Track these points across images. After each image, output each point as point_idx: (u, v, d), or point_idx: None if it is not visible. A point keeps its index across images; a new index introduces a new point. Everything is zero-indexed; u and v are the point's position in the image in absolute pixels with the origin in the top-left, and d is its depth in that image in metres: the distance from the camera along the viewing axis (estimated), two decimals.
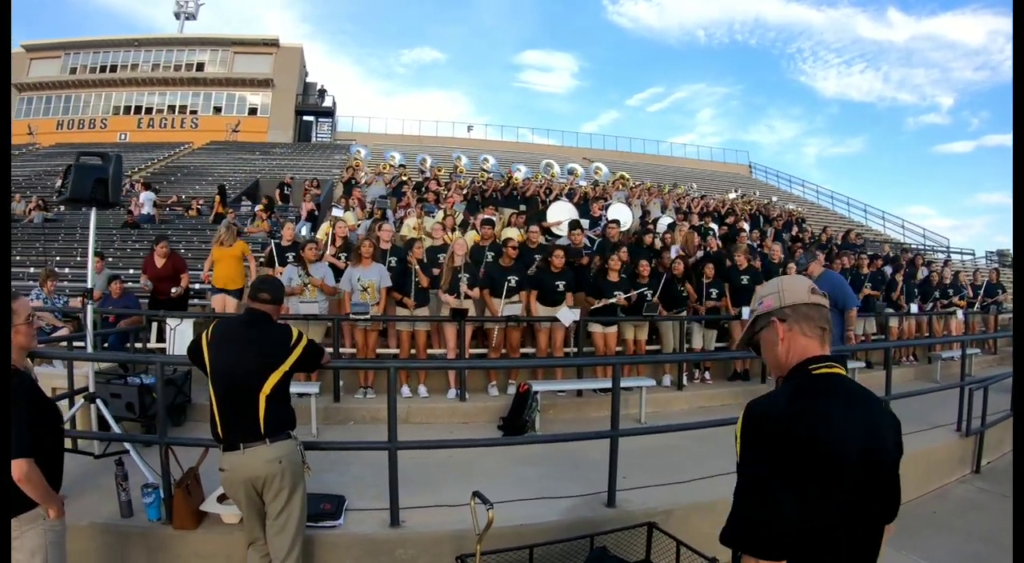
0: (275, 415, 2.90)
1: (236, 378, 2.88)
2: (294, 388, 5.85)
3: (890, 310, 9.80)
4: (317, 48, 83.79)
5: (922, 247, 23.22)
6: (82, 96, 36.25)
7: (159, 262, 8.25)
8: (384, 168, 16.03)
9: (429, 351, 7.17)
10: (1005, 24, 68.48)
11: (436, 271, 7.28)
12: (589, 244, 8.96)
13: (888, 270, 10.87)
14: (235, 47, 36.31)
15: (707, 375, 7.88)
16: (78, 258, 13.09)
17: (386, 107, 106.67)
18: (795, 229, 13.83)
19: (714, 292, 7.88)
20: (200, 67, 36.24)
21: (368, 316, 6.65)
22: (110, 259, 12.27)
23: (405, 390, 6.83)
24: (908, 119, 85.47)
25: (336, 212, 10.70)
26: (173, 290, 8.18)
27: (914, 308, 9.73)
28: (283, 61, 36.18)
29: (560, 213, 10.91)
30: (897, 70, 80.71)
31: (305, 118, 37.89)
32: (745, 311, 7.56)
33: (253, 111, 36.03)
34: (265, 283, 3.14)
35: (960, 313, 10.67)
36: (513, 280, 7.07)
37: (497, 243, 7.93)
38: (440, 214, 9.93)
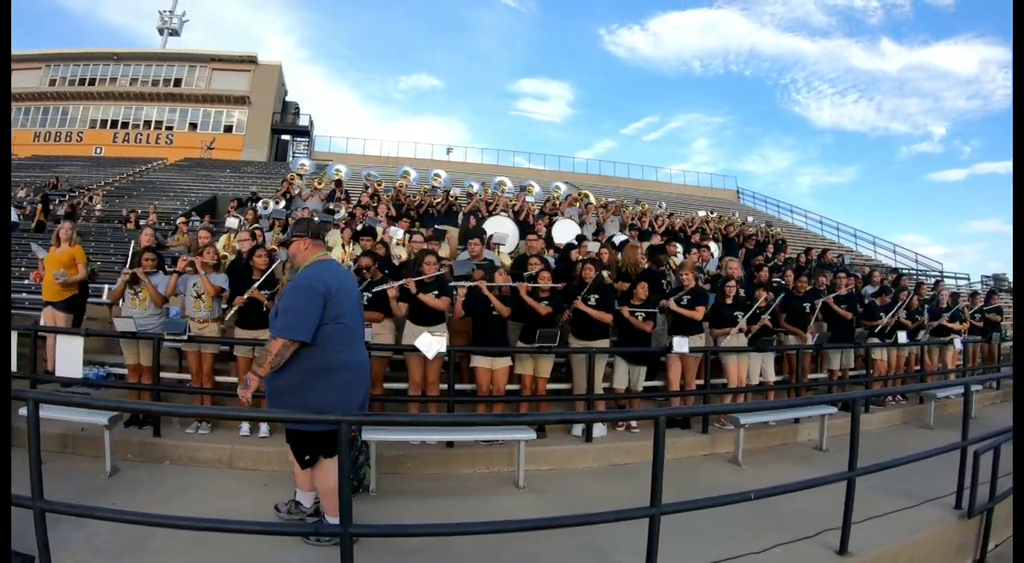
0: None
1: None
2: (75, 415, 4.71)
3: (875, 340, 8.17)
4: (314, 72, 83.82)
5: (914, 272, 21.73)
6: (60, 108, 35.59)
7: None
8: (319, 183, 15.05)
9: None
10: (997, 53, 69.16)
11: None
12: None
13: (869, 290, 9.31)
14: (213, 63, 35.42)
15: (634, 422, 6.21)
16: None
17: (383, 132, 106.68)
18: (770, 249, 12.25)
19: (640, 314, 6.27)
20: (178, 83, 35.46)
21: (185, 337, 5.54)
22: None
23: (244, 427, 5.54)
24: (901, 148, 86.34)
25: (230, 223, 10.35)
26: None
27: (902, 337, 8.06)
28: (261, 78, 35.23)
29: (497, 229, 9.66)
30: (890, 100, 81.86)
31: (283, 137, 36.90)
32: (679, 341, 6.00)
33: (229, 128, 35.06)
34: None
35: (958, 341, 9.00)
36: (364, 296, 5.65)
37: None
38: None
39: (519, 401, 6.00)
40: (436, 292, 5.68)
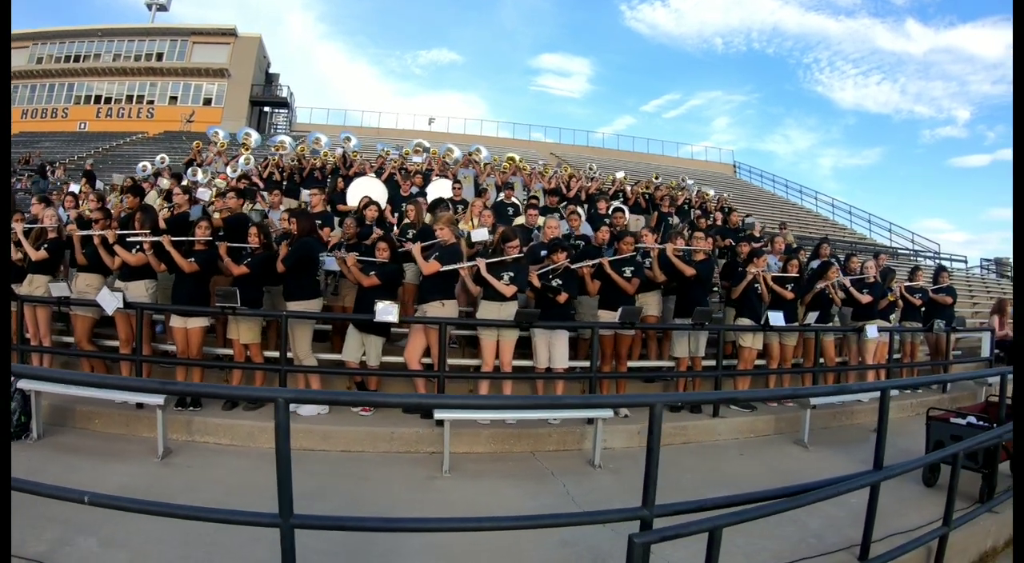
0: None
1: None
2: None
3: (747, 321, 6.52)
4: (336, 47, 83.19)
5: (909, 252, 19.65)
6: (46, 85, 35.69)
7: None
8: (223, 146, 14.16)
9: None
10: None
11: None
12: None
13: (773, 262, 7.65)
14: (194, 37, 34.98)
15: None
16: None
17: (397, 106, 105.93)
18: (695, 213, 10.58)
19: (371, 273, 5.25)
20: (160, 57, 35.13)
21: None
22: None
23: None
24: (924, 131, 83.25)
25: (72, 188, 10.24)
26: None
27: (777, 319, 6.36)
28: (240, 51, 34.61)
29: (360, 192, 8.65)
30: (914, 82, 79.33)
31: (265, 109, 36.15)
32: (382, 308, 4.67)
33: (208, 101, 34.60)
34: None
35: (872, 329, 7.19)
36: None
37: None
38: None
39: (217, 366, 5.79)
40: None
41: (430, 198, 9.06)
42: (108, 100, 35.09)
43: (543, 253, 5.70)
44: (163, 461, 4.38)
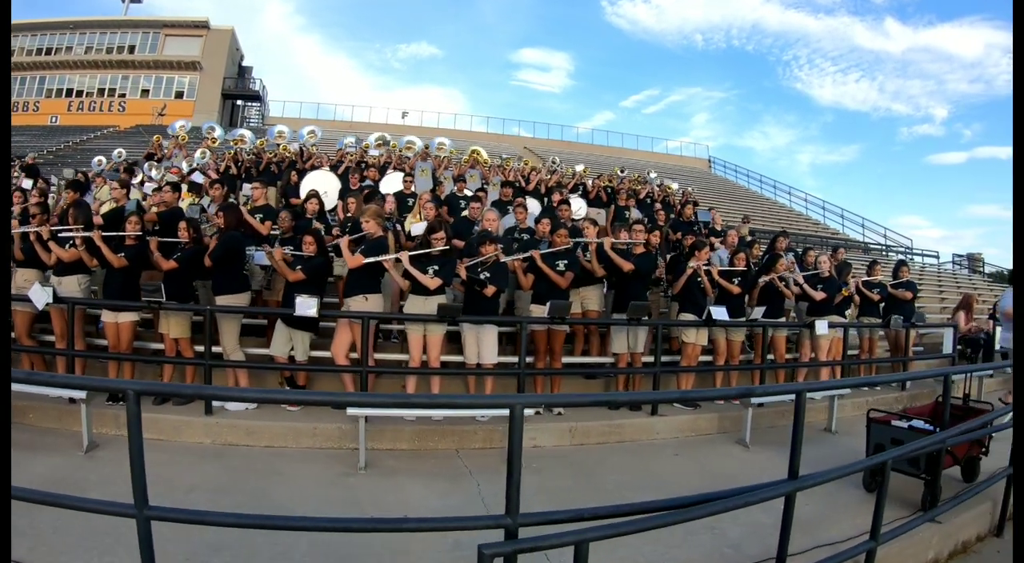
0: None
1: None
2: None
3: (689, 316, 6.39)
4: (313, 40, 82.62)
5: (881, 247, 19.74)
6: (17, 78, 34.97)
7: None
8: (184, 139, 13.92)
9: None
10: (1002, 38, 67.20)
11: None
12: None
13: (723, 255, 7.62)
14: (166, 29, 34.74)
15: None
16: None
17: (382, 101, 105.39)
18: (656, 207, 10.47)
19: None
20: (131, 50, 34.79)
21: None
22: None
23: None
24: (902, 129, 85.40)
25: (25, 184, 9.84)
26: None
27: (720, 313, 6.23)
28: (213, 44, 34.36)
29: (313, 186, 8.63)
30: (892, 80, 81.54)
31: (238, 103, 35.80)
32: (301, 302, 4.62)
33: (180, 94, 34.37)
34: None
35: (822, 325, 7.08)
36: None
37: None
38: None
39: (148, 361, 5.72)
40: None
41: (384, 191, 9.00)
42: (80, 93, 34.74)
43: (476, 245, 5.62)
44: (87, 454, 4.34)
